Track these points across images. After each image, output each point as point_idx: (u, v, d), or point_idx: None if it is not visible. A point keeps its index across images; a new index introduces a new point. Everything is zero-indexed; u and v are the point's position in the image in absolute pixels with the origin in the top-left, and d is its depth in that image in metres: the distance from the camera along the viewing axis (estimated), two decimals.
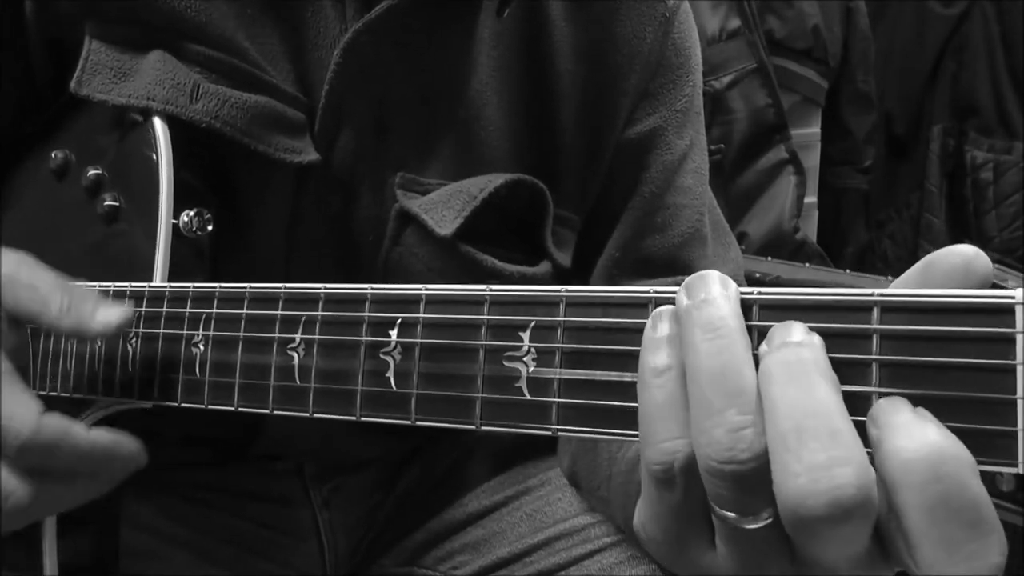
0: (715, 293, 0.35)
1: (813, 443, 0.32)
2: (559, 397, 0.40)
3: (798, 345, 0.34)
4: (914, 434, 0.31)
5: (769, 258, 1.74)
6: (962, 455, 0.31)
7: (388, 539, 0.82)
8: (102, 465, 0.52)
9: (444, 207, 0.66)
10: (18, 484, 0.49)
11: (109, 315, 0.51)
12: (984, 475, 0.32)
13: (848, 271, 1.81)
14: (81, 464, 0.51)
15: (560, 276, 0.72)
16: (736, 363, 0.34)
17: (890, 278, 0.35)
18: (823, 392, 0.33)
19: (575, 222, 0.74)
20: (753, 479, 0.33)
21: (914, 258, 0.35)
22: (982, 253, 0.33)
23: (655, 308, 0.37)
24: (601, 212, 0.74)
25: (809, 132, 2.10)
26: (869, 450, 0.33)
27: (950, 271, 0.33)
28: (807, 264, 1.83)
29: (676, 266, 0.73)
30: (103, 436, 0.51)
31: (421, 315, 0.44)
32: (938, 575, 0.31)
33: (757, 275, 1.55)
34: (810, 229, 2.11)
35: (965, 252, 0.33)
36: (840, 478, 0.31)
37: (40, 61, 0.66)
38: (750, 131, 1.98)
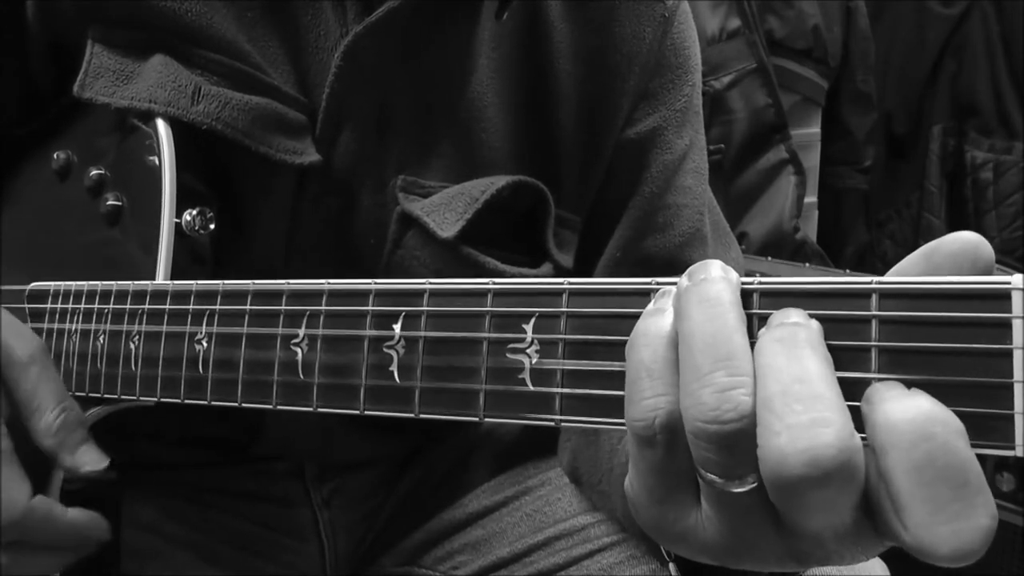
0: (715, 275, 0.36)
1: (797, 405, 0.32)
2: (562, 388, 0.40)
3: (794, 325, 0.35)
4: (904, 401, 0.32)
5: (769, 258, 1.75)
6: (951, 420, 0.32)
7: (388, 539, 0.82)
8: (74, 543, 0.57)
9: (446, 209, 0.66)
10: None
11: (85, 458, 0.56)
12: (984, 472, 0.32)
13: (848, 271, 1.81)
14: (57, 542, 0.56)
15: (562, 277, 0.72)
16: (727, 330, 0.35)
17: None
18: (812, 362, 0.33)
19: (576, 223, 0.74)
20: (738, 442, 0.34)
21: None
22: (985, 240, 0.34)
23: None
24: (601, 212, 0.74)
25: (809, 132, 2.10)
26: (864, 436, 0.33)
27: (954, 256, 0.34)
28: (807, 264, 1.84)
29: (676, 266, 0.73)
30: (80, 518, 0.56)
31: (425, 308, 0.44)
32: (925, 536, 0.31)
33: (757, 275, 1.55)
34: (810, 229, 2.11)
35: (970, 238, 0.34)
36: (820, 437, 0.32)
37: (42, 63, 0.67)
38: (750, 131, 1.98)
